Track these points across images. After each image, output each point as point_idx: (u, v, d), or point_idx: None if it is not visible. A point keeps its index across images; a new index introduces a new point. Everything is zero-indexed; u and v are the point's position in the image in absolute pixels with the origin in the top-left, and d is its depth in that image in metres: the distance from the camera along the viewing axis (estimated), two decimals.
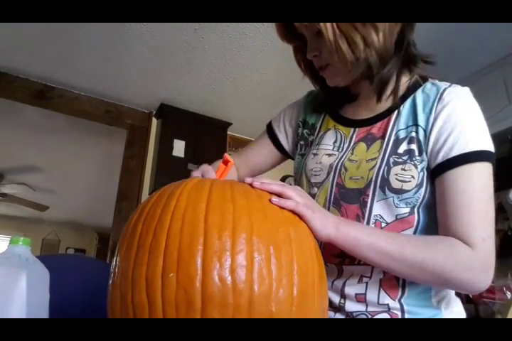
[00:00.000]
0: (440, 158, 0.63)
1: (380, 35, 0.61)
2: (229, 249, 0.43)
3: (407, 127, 0.68)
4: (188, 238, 0.44)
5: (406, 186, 0.64)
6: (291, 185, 0.59)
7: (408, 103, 0.70)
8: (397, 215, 0.65)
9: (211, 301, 0.41)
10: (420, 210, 0.66)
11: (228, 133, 2.78)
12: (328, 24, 0.60)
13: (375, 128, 0.71)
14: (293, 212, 0.53)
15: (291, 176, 2.97)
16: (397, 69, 0.68)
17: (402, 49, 0.66)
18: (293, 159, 0.88)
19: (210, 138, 2.63)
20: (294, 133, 0.86)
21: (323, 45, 0.63)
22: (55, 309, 0.55)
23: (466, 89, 0.68)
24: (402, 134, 0.68)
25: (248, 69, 2.22)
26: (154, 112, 2.64)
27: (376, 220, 0.66)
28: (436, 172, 0.64)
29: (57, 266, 0.66)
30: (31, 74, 2.27)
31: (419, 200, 0.65)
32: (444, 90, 0.67)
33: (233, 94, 2.45)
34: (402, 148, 0.67)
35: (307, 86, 0.82)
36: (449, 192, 0.62)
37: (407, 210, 0.65)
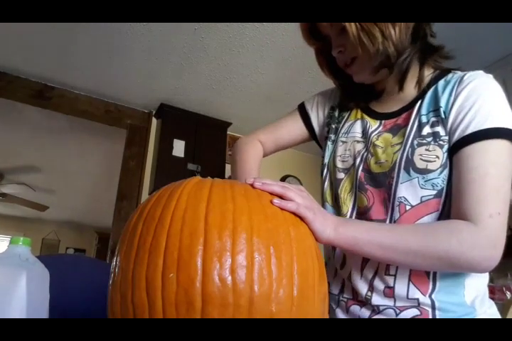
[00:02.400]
0: (457, 136, 0.63)
1: (397, 28, 0.66)
2: (229, 249, 0.43)
3: (429, 112, 0.69)
4: (188, 238, 0.44)
5: (431, 166, 0.64)
6: (290, 183, 0.59)
7: (430, 92, 0.71)
8: (422, 197, 0.64)
9: (211, 301, 0.41)
10: (448, 194, 0.64)
11: (228, 133, 2.78)
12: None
13: (401, 119, 0.73)
14: (294, 213, 0.53)
15: (291, 176, 2.97)
16: (415, 59, 0.71)
17: (418, 40, 0.69)
18: (316, 141, 0.90)
19: (210, 138, 2.63)
20: (324, 116, 0.88)
21: (348, 40, 0.67)
22: (55, 309, 0.55)
23: (489, 75, 0.69)
24: (424, 119, 0.69)
25: (248, 69, 2.22)
26: (154, 112, 2.64)
27: (400, 202, 0.65)
28: (453, 150, 0.63)
29: (57, 266, 0.66)
30: (31, 74, 2.27)
31: (445, 182, 0.64)
32: (465, 74, 0.68)
33: (233, 94, 2.45)
34: (426, 130, 0.67)
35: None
36: (462, 169, 0.61)
37: (433, 192, 0.64)
